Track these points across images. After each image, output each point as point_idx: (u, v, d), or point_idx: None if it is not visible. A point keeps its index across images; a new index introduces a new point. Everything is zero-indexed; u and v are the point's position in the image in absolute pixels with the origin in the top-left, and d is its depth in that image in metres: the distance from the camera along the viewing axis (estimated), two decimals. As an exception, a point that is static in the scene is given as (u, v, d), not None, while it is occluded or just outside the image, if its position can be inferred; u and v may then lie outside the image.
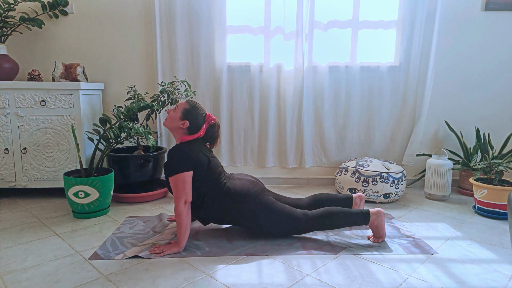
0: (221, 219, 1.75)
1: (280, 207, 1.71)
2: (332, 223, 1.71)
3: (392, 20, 2.61)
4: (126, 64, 2.67)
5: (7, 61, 2.40)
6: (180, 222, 1.61)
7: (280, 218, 1.69)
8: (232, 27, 2.62)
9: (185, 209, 1.61)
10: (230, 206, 1.69)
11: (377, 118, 2.68)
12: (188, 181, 1.63)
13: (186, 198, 1.61)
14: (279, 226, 1.71)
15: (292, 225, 1.71)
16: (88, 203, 2.03)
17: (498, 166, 2.18)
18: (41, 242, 1.73)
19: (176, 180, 1.62)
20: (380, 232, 1.73)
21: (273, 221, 1.70)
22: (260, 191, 1.73)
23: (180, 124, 1.72)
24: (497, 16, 2.59)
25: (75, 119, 2.30)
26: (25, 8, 2.58)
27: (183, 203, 1.61)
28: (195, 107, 1.75)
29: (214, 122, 1.77)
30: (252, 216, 1.69)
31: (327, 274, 1.44)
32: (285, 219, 1.70)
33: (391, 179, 2.31)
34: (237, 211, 1.69)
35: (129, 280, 1.39)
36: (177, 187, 1.62)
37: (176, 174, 1.62)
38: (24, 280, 1.39)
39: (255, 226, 1.72)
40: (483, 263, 1.55)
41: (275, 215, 1.69)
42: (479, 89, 2.68)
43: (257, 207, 1.68)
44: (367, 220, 1.70)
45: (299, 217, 1.70)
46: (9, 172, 2.33)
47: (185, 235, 1.62)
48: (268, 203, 1.70)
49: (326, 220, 1.70)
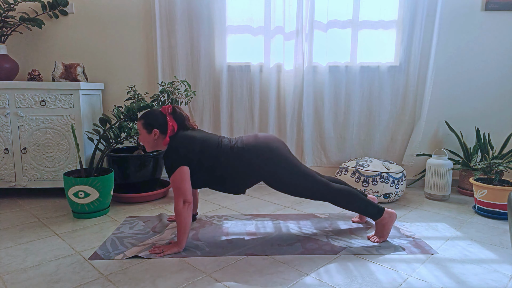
0: (246, 183, 1.71)
1: (302, 166, 1.69)
2: (347, 201, 1.69)
3: (392, 20, 2.61)
4: (126, 64, 2.67)
5: (7, 61, 2.40)
6: (179, 222, 1.61)
7: (305, 177, 1.66)
8: (232, 27, 2.62)
9: (184, 208, 1.60)
10: (247, 164, 1.65)
11: (377, 118, 2.68)
12: (184, 178, 1.61)
13: (184, 197, 1.61)
14: (300, 186, 1.67)
15: (311, 186, 1.67)
16: (88, 203, 2.03)
17: (498, 166, 2.18)
18: (41, 242, 1.73)
19: (173, 179, 1.62)
20: (384, 232, 1.73)
21: (293, 177, 1.65)
22: (283, 146, 1.72)
23: (153, 137, 1.70)
24: (497, 16, 2.59)
25: (75, 119, 2.30)
26: (25, 8, 2.58)
27: (181, 202, 1.60)
28: (147, 114, 1.72)
29: (171, 107, 1.73)
30: (272, 169, 1.64)
31: (327, 274, 1.44)
32: (308, 180, 1.67)
33: (391, 179, 2.31)
34: (255, 166, 1.65)
35: (129, 280, 1.39)
36: (175, 186, 1.62)
37: (172, 174, 1.62)
38: (24, 280, 1.39)
39: (274, 180, 1.66)
40: (483, 263, 1.54)
41: (296, 172, 1.66)
42: (479, 89, 2.68)
43: (280, 163, 1.65)
44: (379, 215, 1.70)
45: (318, 181, 1.68)
46: (9, 172, 2.33)
47: (185, 235, 1.62)
48: (290, 158, 1.68)
49: (342, 196, 1.69)
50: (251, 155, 1.65)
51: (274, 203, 2.34)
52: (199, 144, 1.67)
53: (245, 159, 1.65)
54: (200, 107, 2.66)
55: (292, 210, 2.21)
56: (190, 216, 1.64)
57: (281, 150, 1.69)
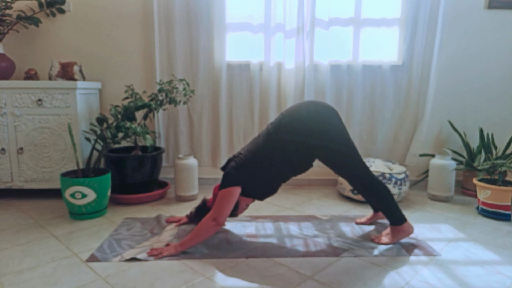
0: (300, 167, 1.72)
1: (353, 144, 1.66)
2: (380, 195, 1.68)
3: (395, 18, 2.58)
4: (123, 63, 2.64)
5: (3, 60, 2.38)
6: (199, 234, 1.60)
7: (355, 155, 1.64)
8: (231, 24, 2.59)
9: (213, 227, 1.59)
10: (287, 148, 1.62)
11: (380, 117, 2.65)
12: (232, 201, 1.60)
13: (217, 216, 1.59)
14: (350, 162, 1.65)
15: (359, 168, 1.65)
16: (85, 204, 2.00)
17: (502, 166, 2.15)
18: (38, 243, 1.71)
19: (223, 193, 1.61)
20: (395, 239, 1.71)
21: (347, 154, 1.63)
22: (332, 115, 1.67)
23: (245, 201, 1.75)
24: (500, 14, 2.56)
25: (72, 118, 2.27)
26: (21, 6, 2.55)
27: (212, 219, 1.59)
28: None
29: None
30: (323, 141, 1.61)
31: (329, 277, 1.42)
32: (357, 157, 1.65)
33: (394, 179, 2.28)
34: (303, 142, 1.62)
35: (127, 282, 1.36)
36: (218, 202, 1.60)
37: (225, 187, 1.62)
38: (21, 282, 1.37)
39: (323, 149, 1.63)
40: (486, 265, 1.52)
41: (350, 148, 1.63)
42: (483, 88, 2.65)
43: (329, 132, 1.62)
44: (400, 222, 1.69)
45: (365, 166, 1.66)
46: (5, 173, 2.30)
47: (193, 244, 1.61)
48: (343, 132, 1.65)
49: (379, 189, 1.67)
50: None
51: (275, 204, 2.31)
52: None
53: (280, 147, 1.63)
54: (199, 106, 2.63)
55: (293, 211, 2.18)
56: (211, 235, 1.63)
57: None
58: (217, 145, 2.68)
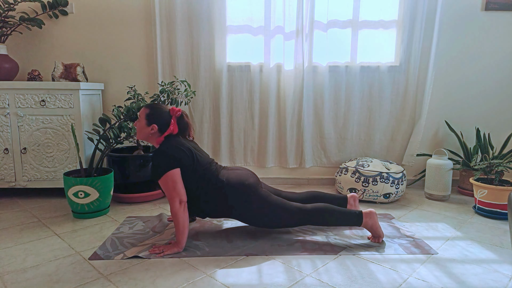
0: (216, 212, 1.73)
1: (274, 199, 1.70)
2: (325, 220, 1.70)
3: (392, 20, 2.60)
4: (126, 64, 2.67)
5: (7, 61, 2.40)
6: (177, 223, 1.60)
7: (275, 210, 1.68)
8: (232, 26, 2.62)
9: (181, 209, 1.60)
10: (224, 198, 1.68)
11: (377, 118, 2.68)
12: (177, 179, 1.61)
13: (180, 197, 1.60)
14: (273, 218, 1.69)
15: (286, 218, 1.69)
16: (88, 203, 2.03)
17: (498, 166, 2.18)
18: (41, 242, 1.73)
19: (165, 181, 1.60)
20: (377, 231, 1.72)
21: (267, 213, 1.68)
22: (255, 183, 1.72)
23: (149, 131, 1.70)
24: (497, 16, 2.59)
25: (75, 119, 2.30)
26: (25, 8, 2.57)
27: (177, 203, 1.59)
28: (155, 107, 1.72)
29: (181, 113, 1.74)
30: (246, 207, 1.68)
31: (327, 274, 1.44)
32: (279, 211, 1.68)
33: (391, 179, 2.31)
34: (231, 202, 1.68)
35: (129, 280, 1.38)
36: (168, 188, 1.60)
37: (163, 175, 1.60)
38: (24, 280, 1.39)
39: (249, 217, 1.70)
40: (483, 263, 1.54)
41: (270, 207, 1.68)
42: (479, 88, 2.68)
43: (252, 199, 1.67)
44: (360, 221, 1.70)
45: (293, 211, 1.70)
46: (9, 172, 2.33)
47: (184, 235, 1.62)
48: (263, 195, 1.70)
49: (319, 216, 1.70)
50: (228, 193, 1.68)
51: (274, 203, 2.34)
52: (192, 153, 1.68)
53: (222, 194, 1.68)
54: (200, 107, 2.66)
55: (292, 210, 2.21)
56: (187, 215, 1.63)
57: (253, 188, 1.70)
58: (218, 145, 2.71)
